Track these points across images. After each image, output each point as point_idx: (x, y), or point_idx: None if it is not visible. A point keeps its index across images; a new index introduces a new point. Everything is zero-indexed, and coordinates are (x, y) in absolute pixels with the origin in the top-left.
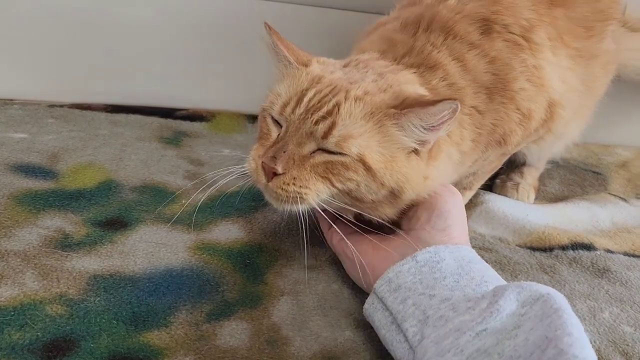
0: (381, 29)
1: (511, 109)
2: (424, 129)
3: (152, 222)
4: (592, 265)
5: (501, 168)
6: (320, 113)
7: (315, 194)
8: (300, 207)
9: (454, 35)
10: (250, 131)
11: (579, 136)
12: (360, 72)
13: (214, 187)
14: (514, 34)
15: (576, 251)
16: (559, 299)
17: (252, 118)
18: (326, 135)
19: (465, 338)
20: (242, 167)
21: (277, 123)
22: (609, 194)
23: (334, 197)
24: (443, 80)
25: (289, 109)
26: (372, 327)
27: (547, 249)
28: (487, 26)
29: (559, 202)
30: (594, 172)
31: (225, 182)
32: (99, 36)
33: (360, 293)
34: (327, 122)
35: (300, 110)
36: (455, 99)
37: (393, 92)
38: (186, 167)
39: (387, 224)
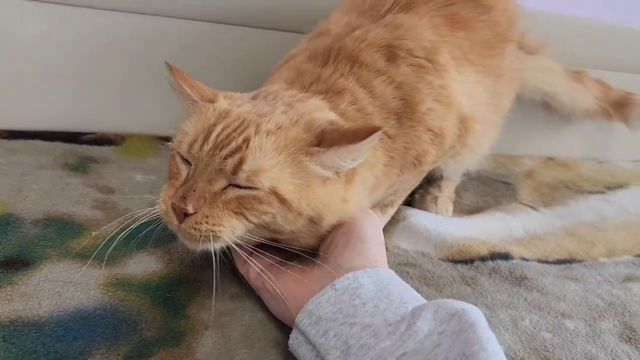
0: (291, 62)
1: (421, 131)
2: (352, 160)
3: (58, 259)
4: (510, 274)
5: (420, 183)
6: (229, 148)
7: (230, 231)
8: (216, 246)
9: (360, 63)
10: (164, 154)
11: (488, 150)
12: (269, 103)
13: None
14: (418, 57)
15: (494, 261)
16: (474, 313)
17: (166, 140)
18: (236, 170)
19: None
20: (154, 209)
21: (187, 162)
22: (520, 203)
23: (251, 232)
24: (352, 105)
25: (196, 147)
26: None
27: (467, 261)
28: (391, 52)
29: (475, 214)
30: (504, 182)
31: (140, 209)
32: None
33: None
34: (237, 157)
35: (208, 146)
36: (379, 128)
37: (305, 124)
38: (94, 195)
39: (305, 254)
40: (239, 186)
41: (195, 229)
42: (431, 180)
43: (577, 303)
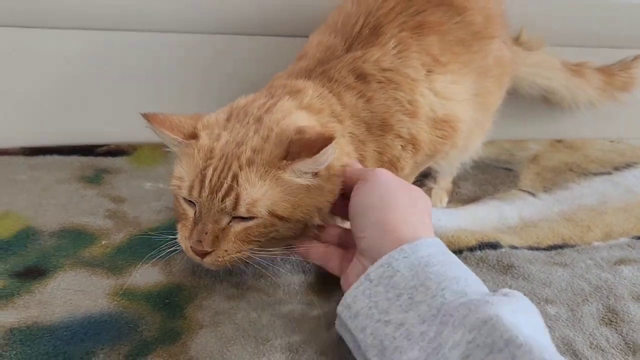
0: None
1: (390, 139)
2: (319, 165)
3: (71, 268)
4: (498, 263)
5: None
6: (223, 190)
7: (248, 251)
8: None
9: (329, 78)
10: (171, 161)
11: (480, 147)
12: (242, 125)
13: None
14: (387, 70)
15: (483, 251)
16: (508, 321)
17: None
18: (235, 207)
19: None
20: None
21: (189, 202)
22: (519, 189)
23: (265, 246)
24: (317, 98)
25: (195, 192)
26: (288, 352)
27: (456, 252)
28: (361, 74)
29: (470, 204)
30: (506, 168)
31: (147, 217)
32: (8, 74)
33: (279, 319)
34: (232, 196)
35: (205, 192)
36: (332, 138)
37: (276, 137)
38: (107, 205)
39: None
40: (241, 217)
41: (218, 261)
42: (427, 173)
43: (562, 288)
